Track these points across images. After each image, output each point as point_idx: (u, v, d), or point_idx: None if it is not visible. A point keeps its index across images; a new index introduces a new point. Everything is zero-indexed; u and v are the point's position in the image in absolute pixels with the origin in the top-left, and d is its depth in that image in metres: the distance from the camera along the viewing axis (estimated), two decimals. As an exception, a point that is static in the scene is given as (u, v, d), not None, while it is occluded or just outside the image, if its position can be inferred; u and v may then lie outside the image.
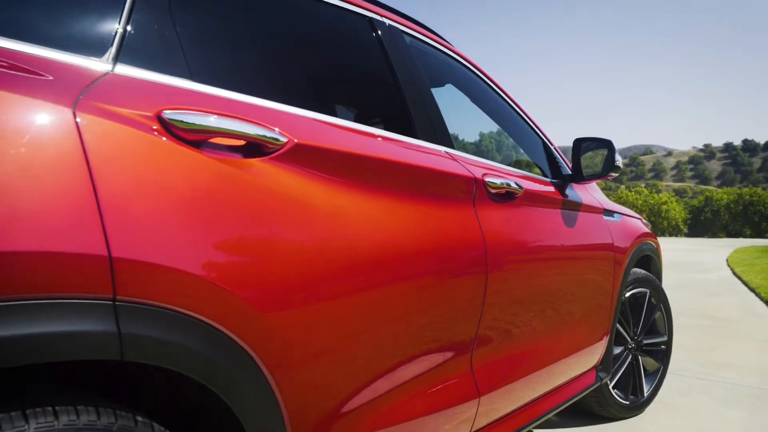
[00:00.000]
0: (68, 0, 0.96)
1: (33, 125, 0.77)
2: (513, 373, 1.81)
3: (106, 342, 0.78)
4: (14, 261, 0.70)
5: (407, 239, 1.34)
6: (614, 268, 2.48)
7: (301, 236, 1.10)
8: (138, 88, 0.94)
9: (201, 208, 0.94)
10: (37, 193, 0.74)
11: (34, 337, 0.72)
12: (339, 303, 1.16)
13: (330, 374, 1.14)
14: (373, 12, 1.66)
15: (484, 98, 2.28)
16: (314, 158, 1.16)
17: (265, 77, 1.36)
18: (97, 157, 0.81)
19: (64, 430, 0.75)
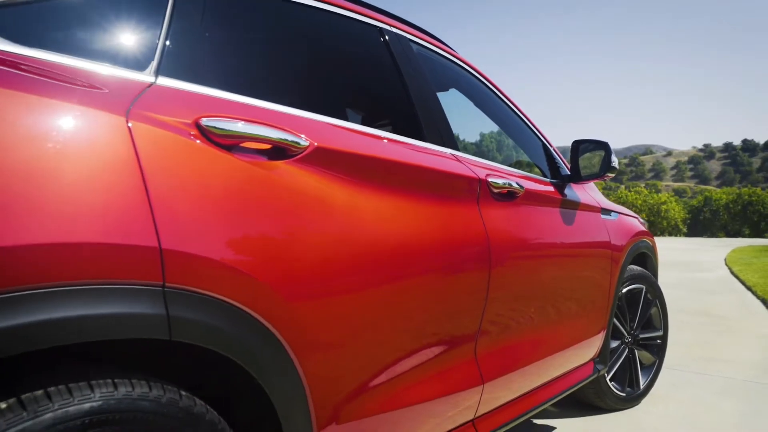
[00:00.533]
0: (117, 20, 1.06)
1: (94, 132, 0.87)
2: (514, 362, 1.91)
3: (157, 323, 0.89)
4: (79, 251, 0.81)
5: (418, 235, 1.45)
6: (611, 265, 2.59)
7: (321, 232, 1.20)
8: (178, 98, 1.05)
9: (234, 205, 1.04)
10: (98, 190, 0.85)
11: (98, 318, 0.82)
12: (356, 294, 1.26)
13: (348, 359, 1.25)
14: (383, 22, 1.76)
15: (486, 101, 2.38)
16: (333, 160, 1.26)
17: (288, 85, 1.47)
18: (147, 159, 0.92)
19: (123, 400, 0.85)
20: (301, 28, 1.53)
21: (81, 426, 0.80)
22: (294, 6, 1.45)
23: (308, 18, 1.52)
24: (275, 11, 1.42)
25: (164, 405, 0.91)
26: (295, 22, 1.50)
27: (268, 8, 1.39)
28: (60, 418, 0.78)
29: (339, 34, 1.65)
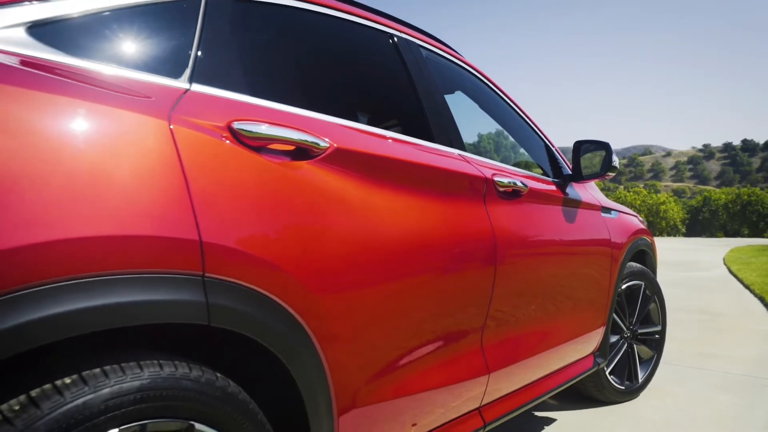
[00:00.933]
0: (155, 33, 1.15)
1: (143, 136, 0.96)
2: (518, 354, 2.00)
3: (197, 309, 0.97)
4: (131, 243, 0.89)
5: (429, 232, 1.54)
6: (611, 262, 2.67)
7: (341, 228, 1.29)
8: (211, 103, 1.13)
9: (262, 202, 1.13)
10: (146, 187, 0.93)
11: (147, 303, 0.91)
12: (372, 286, 1.35)
13: (366, 347, 1.33)
14: (394, 29, 1.85)
15: (490, 103, 2.47)
16: (351, 160, 1.35)
17: (309, 89, 1.55)
18: (188, 160, 1.00)
19: (168, 378, 0.94)
20: (320, 36, 1.62)
21: (133, 400, 0.88)
22: (314, 15, 1.54)
23: (326, 26, 1.60)
24: (296, 21, 1.50)
25: (203, 384, 0.99)
26: (314, 30, 1.58)
27: (289, 19, 1.48)
28: (115, 393, 0.87)
29: (355, 41, 1.73)
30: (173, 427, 0.95)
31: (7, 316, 0.75)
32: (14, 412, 0.78)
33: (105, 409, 0.85)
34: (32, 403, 0.80)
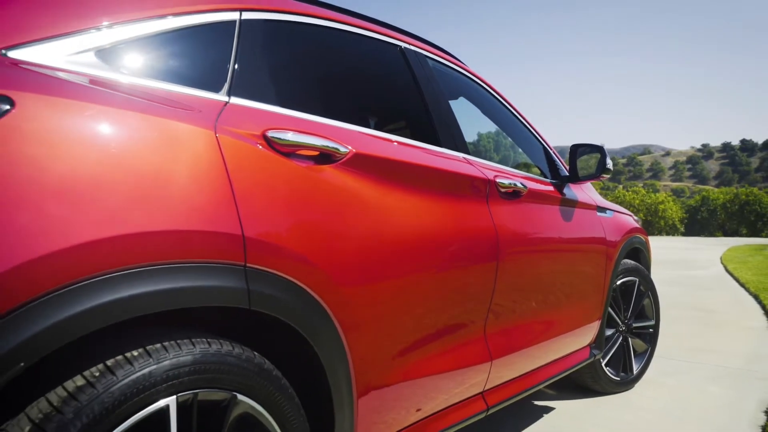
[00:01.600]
0: (199, 53, 1.29)
1: (195, 143, 1.11)
2: (518, 343, 2.14)
3: (240, 294, 1.12)
4: (187, 237, 1.04)
5: (438, 228, 1.68)
6: (606, 259, 2.82)
7: (359, 225, 1.43)
8: (248, 114, 1.28)
9: (292, 202, 1.27)
10: (198, 188, 1.08)
11: (199, 289, 1.05)
12: (387, 278, 1.50)
13: (382, 331, 1.48)
14: (403, 41, 1.99)
15: (492, 108, 2.61)
16: (368, 164, 1.49)
17: (330, 100, 1.70)
18: (231, 165, 1.15)
19: (215, 354, 1.08)
20: (338, 50, 1.76)
21: (188, 371, 1.03)
22: (332, 31, 1.68)
23: (343, 40, 1.75)
24: (318, 37, 1.65)
25: (243, 360, 1.14)
26: (333, 45, 1.73)
27: (311, 35, 1.62)
28: (174, 365, 1.01)
29: (368, 54, 1.87)
30: (220, 396, 1.09)
31: (101, 295, 0.90)
32: (95, 378, 0.93)
33: (166, 378, 1.00)
34: (109, 370, 0.95)
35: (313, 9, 1.65)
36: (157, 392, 0.98)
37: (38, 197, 0.87)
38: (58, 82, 1.00)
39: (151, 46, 1.20)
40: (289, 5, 1.56)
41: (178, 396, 1.02)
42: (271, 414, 1.19)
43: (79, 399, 0.90)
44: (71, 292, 0.88)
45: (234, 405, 1.12)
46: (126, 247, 0.95)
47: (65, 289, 0.87)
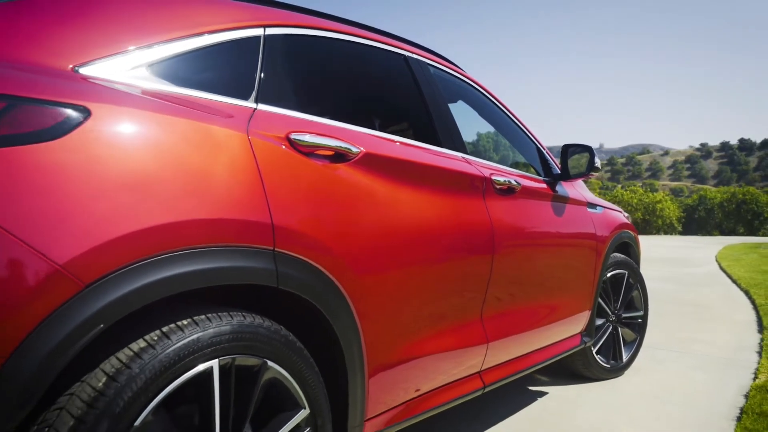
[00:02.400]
0: (230, 64, 1.47)
1: (231, 144, 1.29)
2: (512, 328, 2.32)
3: (270, 274, 1.30)
4: (226, 224, 1.22)
5: (439, 220, 1.87)
6: (596, 252, 3.00)
7: (369, 217, 1.62)
8: (273, 119, 1.46)
9: (312, 195, 1.46)
10: (235, 183, 1.26)
11: (235, 268, 1.23)
12: (394, 264, 1.68)
13: (389, 310, 1.66)
14: (406, 50, 2.18)
15: (488, 111, 2.80)
16: (377, 162, 1.68)
17: (342, 105, 1.88)
18: (261, 163, 1.33)
19: (250, 325, 1.27)
20: (349, 60, 1.95)
21: (228, 339, 1.21)
22: (343, 43, 1.87)
23: (353, 51, 1.93)
24: (331, 49, 1.83)
25: (272, 332, 1.32)
26: (345, 55, 1.92)
27: (326, 47, 1.81)
28: (217, 332, 1.19)
29: (376, 62, 2.06)
30: (253, 362, 1.28)
31: (163, 271, 1.08)
32: (154, 341, 1.11)
33: (210, 343, 1.18)
34: (165, 336, 1.13)
35: (327, 23, 1.83)
36: (203, 355, 1.17)
37: (111, 189, 1.05)
38: (120, 93, 1.18)
39: (192, 60, 1.38)
40: (306, 20, 1.75)
41: (220, 360, 1.20)
42: (295, 379, 1.37)
43: (143, 357, 1.08)
44: (139, 268, 1.06)
45: (265, 370, 1.30)
46: (180, 233, 1.13)
47: (135, 265, 1.05)
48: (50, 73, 1.10)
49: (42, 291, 0.95)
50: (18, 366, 0.93)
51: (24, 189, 0.96)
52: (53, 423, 1.00)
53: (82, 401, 1.02)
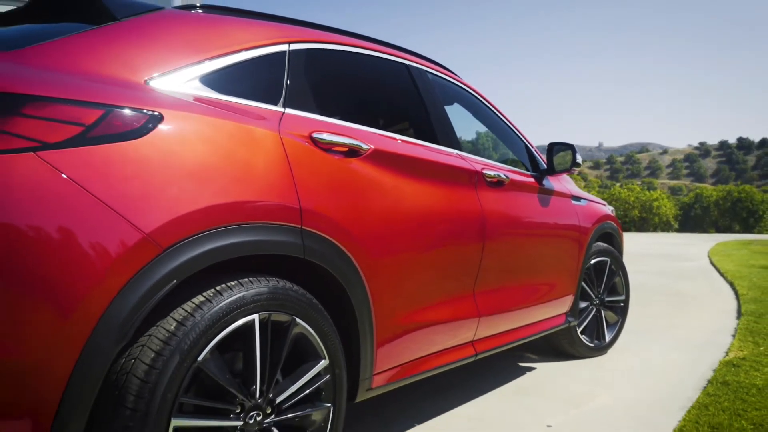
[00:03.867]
0: (263, 75, 1.77)
1: (267, 142, 1.59)
2: (501, 305, 2.62)
3: (297, 247, 1.60)
4: (266, 207, 1.52)
5: (437, 208, 2.17)
6: (579, 241, 3.30)
7: (378, 203, 1.91)
8: (298, 121, 1.76)
9: (331, 184, 1.75)
10: (272, 173, 1.56)
11: (271, 241, 1.53)
12: (399, 246, 1.98)
13: (395, 282, 1.96)
14: (408, 60, 2.48)
15: (481, 112, 3.10)
16: (384, 158, 1.98)
17: (354, 108, 2.18)
18: (291, 158, 1.63)
19: (282, 288, 1.56)
20: (359, 69, 2.25)
21: (266, 298, 1.51)
22: (355, 54, 2.17)
23: (363, 61, 2.23)
24: (345, 60, 2.14)
25: (300, 295, 1.62)
26: (356, 65, 2.22)
27: (340, 59, 2.11)
28: (257, 292, 1.49)
29: (382, 71, 2.36)
30: (285, 318, 1.58)
31: (219, 240, 1.38)
32: (210, 296, 1.41)
33: (252, 300, 1.48)
34: (218, 293, 1.43)
35: (341, 38, 2.14)
36: (247, 310, 1.47)
37: (180, 176, 1.35)
38: (181, 101, 1.48)
39: (231, 72, 1.68)
40: (323, 36, 2.05)
41: (260, 314, 1.50)
42: (317, 334, 1.67)
43: (203, 309, 1.38)
44: (202, 237, 1.36)
45: (294, 325, 1.60)
46: (230, 211, 1.43)
47: (198, 235, 1.35)
48: (130, 86, 1.40)
49: (133, 253, 1.24)
50: (115, 313, 1.23)
51: (118, 176, 1.26)
52: (138, 356, 1.30)
53: (159, 340, 1.32)
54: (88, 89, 1.30)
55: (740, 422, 2.40)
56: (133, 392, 1.26)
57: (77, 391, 1.18)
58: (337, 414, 1.76)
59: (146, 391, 1.27)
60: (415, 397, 2.78)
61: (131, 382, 1.27)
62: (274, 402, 1.56)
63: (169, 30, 1.62)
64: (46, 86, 1.23)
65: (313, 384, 1.67)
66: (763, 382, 2.96)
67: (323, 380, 1.70)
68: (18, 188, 1.12)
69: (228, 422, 1.44)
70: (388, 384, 2.01)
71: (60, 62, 1.34)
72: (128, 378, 1.27)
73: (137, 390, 1.26)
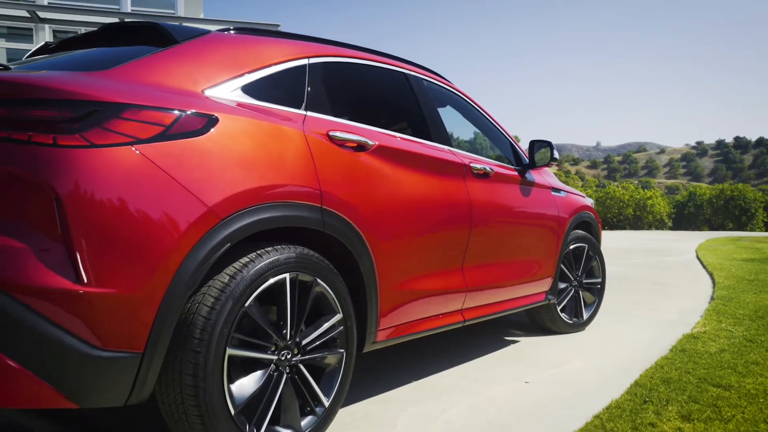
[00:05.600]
0: (288, 83, 2.18)
1: (295, 140, 2.00)
2: (486, 280, 3.04)
3: (318, 222, 2.01)
4: (293, 190, 1.94)
5: (431, 195, 2.59)
6: (558, 227, 3.72)
7: (382, 190, 2.33)
8: (318, 122, 2.17)
9: (343, 173, 2.17)
10: (299, 164, 1.98)
11: (298, 216, 1.95)
12: (400, 224, 2.39)
13: (396, 254, 2.38)
14: (406, 69, 2.89)
15: (470, 113, 3.52)
16: (386, 152, 2.39)
17: (362, 110, 2.60)
18: (314, 152, 2.05)
19: (305, 254, 1.98)
20: (366, 77, 2.67)
21: (294, 260, 1.92)
22: (363, 66, 2.60)
23: (369, 71, 2.65)
24: (355, 70, 2.56)
25: (320, 260, 2.04)
26: (364, 74, 2.64)
27: (351, 69, 2.53)
28: (288, 256, 1.91)
29: (384, 79, 2.78)
30: (308, 278, 1.99)
31: (261, 214, 1.80)
32: (253, 258, 1.82)
33: (284, 263, 1.89)
34: (259, 256, 1.84)
35: (350, 51, 2.55)
36: (280, 270, 1.88)
37: (232, 164, 1.76)
38: (229, 106, 1.89)
39: (265, 82, 2.09)
40: (336, 51, 2.47)
41: (290, 274, 1.91)
42: (333, 293, 2.08)
43: (248, 267, 1.80)
44: (249, 211, 1.77)
45: (315, 285, 2.02)
46: (269, 192, 1.85)
47: (246, 210, 1.77)
48: (193, 95, 1.82)
49: (200, 221, 1.65)
50: (186, 267, 1.64)
51: (188, 163, 1.67)
52: (201, 300, 1.71)
53: (217, 289, 1.73)
54: (166, 99, 1.71)
55: (687, 377, 2.83)
56: (198, 326, 1.68)
57: (161, 321, 1.59)
58: (349, 359, 2.17)
59: (208, 326, 1.68)
60: (411, 362, 3.19)
61: (197, 319, 1.69)
62: (300, 344, 1.98)
63: (217, 50, 2.03)
64: (137, 97, 1.65)
65: (330, 333, 2.09)
66: (716, 349, 3.38)
67: (337, 331, 2.11)
68: (120, 171, 1.54)
69: (266, 356, 1.86)
70: (389, 339, 2.43)
71: (142, 78, 1.76)
72: (195, 317, 1.69)
73: (202, 325, 1.68)
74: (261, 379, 1.85)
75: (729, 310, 4.71)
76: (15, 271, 1.42)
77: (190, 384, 1.66)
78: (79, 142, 1.51)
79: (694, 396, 2.57)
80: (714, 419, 2.32)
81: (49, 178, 1.47)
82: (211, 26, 18.64)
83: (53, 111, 1.51)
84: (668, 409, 2.42)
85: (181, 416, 1.70)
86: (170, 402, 1.70)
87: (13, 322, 1.41)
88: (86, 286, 1.47)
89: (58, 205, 1.46)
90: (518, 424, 2.33)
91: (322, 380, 2.08)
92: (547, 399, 2.63)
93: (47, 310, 1.44)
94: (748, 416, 2.35)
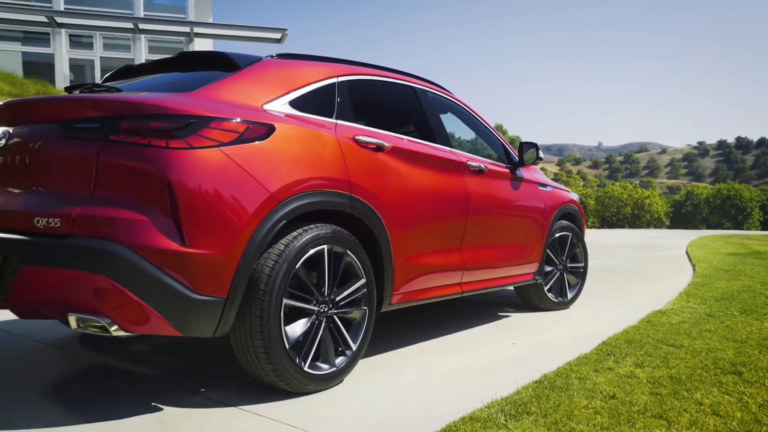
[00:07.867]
0: (322, 97, 2.77)
1: (329, 143, 2.59)
2: (480, 260, 3.62)
3: (348, 206, 2.60)
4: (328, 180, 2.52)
5: (435, 188, 3.17)
6: (544, 218, 4.31)
7: (395, 183, 2.91)
8: (347, 128, 2.75)
9: (366, 168, 2.75)
10: (332, 161, 2.56)
11: (330, 201, 2.53)
12: (410, 210, 2.97)
13: (408, 235, 2.96)
14: (414, 83, 3.48)
15: (468, 119, 4.10)
16: (399, 153, 2.97)
17: (378, 118, 3.18)
18: (345, 152, 2.64)
19: (339, 231, 2.56)
20: (381, 91, 3.26)
21: (330, 234, 2.51)
22: (380, 81, 3.19)
23: (384, 86, 3.24)
24: (374, 86, 3.15)
25: (348, 235, 2.62)
26: (381, 89, 3.23)
27: (371, 85, 3.12)
28: (326, 232, 2.49)
29: (397, 92, 3.37)
30: (341, 249, 2.57)
31: (305, 199, 2.39)
32: (300, 233, 2.41)
33: (323, 236, 2.48)
34: (304, 231, 2.43)
35: (370, 70, 3.15)
36: (319, 242, 2.47)
37: (287, 161, 2.35)
38: (281, 117, 2.47)
39: (305, 97, 2.68)
40: (359, 70, 3.06)
41: (327, 245, 2.50)
42: (359, 262, 2.67)
43: (297, 239, 2.38)
44: (298, 197, 2.36)
45: (346, 255, 2.60)
46: (313, 182, 2.43)
47: (296, 195, 2.35)
48: (256, 110, 2.41)
49: (265, 203, 2.24)
50: (256, 237, 2.22)
51: (256, 160, 2.25)
52: (264, 263, 2.29)
53: (275, 255, 2.32)
54: (239, 112, 2.30)
55: (647, 339, 3.41)
56: (263, 281, 2.27)
57: (239, 276, 2.17)
58: (371, 315, 2.76)
59: (270, 281, 2.27)
60: (416, 332, 3.77)
61: (262, 276, 2.27)
62: (334, 300, 2.57)
63: (270, 73, 2.62)
64: (220, 111, 2.24)
65: (356, 293, 2.67)
66: (678, 321, 3.96)
67: (362, 292, 2.70)
68: (211, 166, 2.12)
69: (310, 306, 2.45)
70: (402, 302, 3.02)
71: (220, 96, 2.35)
72: (260, 274, 2.27)
73: (266, 280, 2.27)
74: (306, 325, 2.44)
75: (699, 293, 5.28)
76: (140, 236, 2.01)
77: (257, 324, 2.25)
78: (183, 145, 2.10)
79: (649, 351, 3.16)
80: (661, 366, 2.90)
81: (162, 170, 2.05)
82: (219, 30, 19.17)
83: (165, 123, 2.10)
84: (626, 360, 3.00)
85: (250, 349, 2.29)
86: (242, 338, 2.29)
87: (138, 271, 2.00)
88: (188, 248, 2.06)
89: (168, 190, 2.05)
90: (502, 370, 2.91)
91: (350, 330, 2.66)
92: (530, 354, 3.22)
93: (161, 263, 2.03)
94: (689, 365, 2.93)
